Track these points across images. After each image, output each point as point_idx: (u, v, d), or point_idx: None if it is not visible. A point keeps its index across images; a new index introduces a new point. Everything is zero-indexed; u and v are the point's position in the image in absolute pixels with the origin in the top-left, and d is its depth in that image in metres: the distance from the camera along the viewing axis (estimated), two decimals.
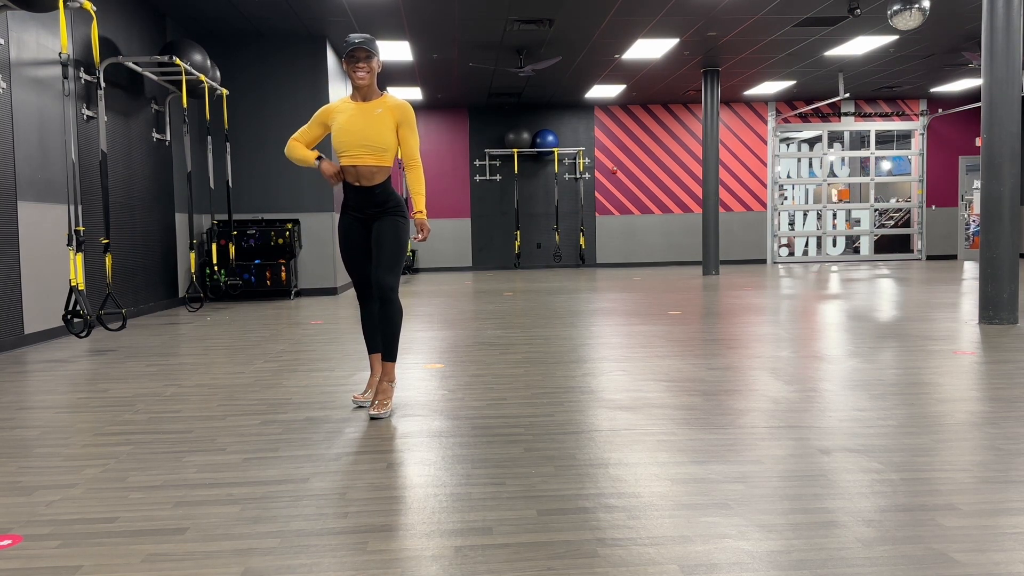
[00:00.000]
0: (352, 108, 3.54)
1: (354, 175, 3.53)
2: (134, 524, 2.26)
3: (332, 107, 3.62)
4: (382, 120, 3.50)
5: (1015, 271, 6.21)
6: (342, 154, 3.52)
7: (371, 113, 3.51)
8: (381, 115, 3.51)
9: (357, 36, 3.49)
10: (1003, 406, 3.47)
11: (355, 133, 3.48)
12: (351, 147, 3.48)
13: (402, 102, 3.57)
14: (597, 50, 10.94)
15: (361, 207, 3.57)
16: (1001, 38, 6.13)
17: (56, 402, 3.96)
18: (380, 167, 3.52)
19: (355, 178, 3.53)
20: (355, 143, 3.48)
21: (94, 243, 6.94)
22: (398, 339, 3.61)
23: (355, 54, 3.47)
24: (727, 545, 2.03)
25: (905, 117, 15.94)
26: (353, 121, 3.50)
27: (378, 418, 3.45)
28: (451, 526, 2.20)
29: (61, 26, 5.68)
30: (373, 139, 3.48)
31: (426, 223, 3.58)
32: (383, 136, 3.50)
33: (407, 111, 3.57)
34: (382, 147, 3.50)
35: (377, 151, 3.49)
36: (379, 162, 3.51)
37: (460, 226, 15.50)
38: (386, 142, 3.51)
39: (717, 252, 12.78)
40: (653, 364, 4.67)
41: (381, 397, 3.53)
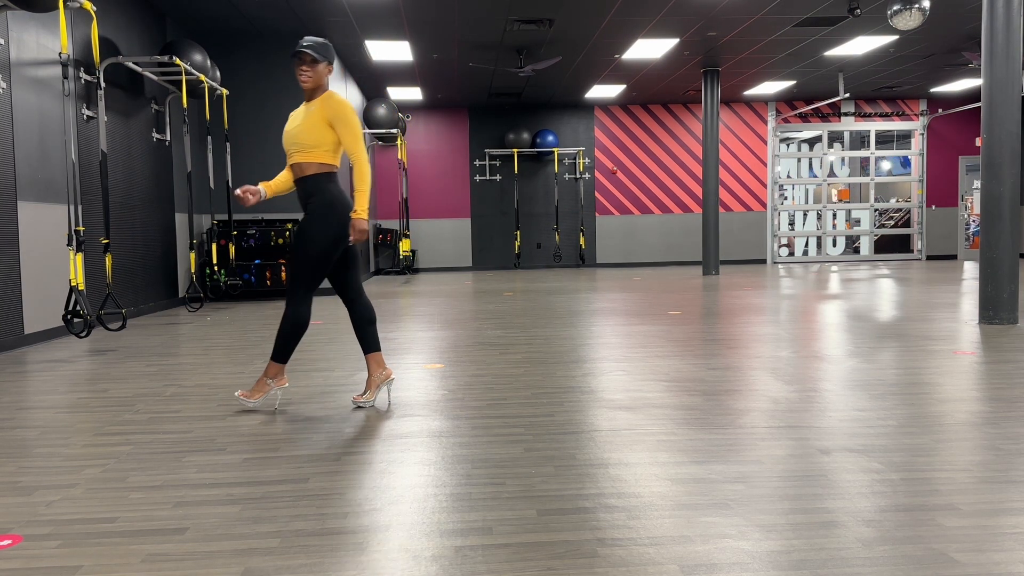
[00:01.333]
0: (299, 110, 3.65)
1: (296, 171, 3.61)
2: (134, 524, 2.26)
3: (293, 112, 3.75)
4: (312, 117, 3.54)
5: (1015, 271, 6.21)
6: (287, 155, 3.64)
7: (307, 112, 3.58)
8: (313, 112, 3.55)
9: (307, 39, 3.55)
10: (1003, 406, 3.47)
11: (290, 133, 3.58)
12: (288, 146, 3.60)
13: (335, 100, 3.53)
14: (597, 50, 10.94)
15: (302, 200, 3.62)
16: (1001, 38, 6.13)
17: (56, 402, 3.95)
18: (309, 163, 3.56)
19: (295, 173, 3.62)
20: (289, 142, 3.58)
21: (94, 243, 6.94)
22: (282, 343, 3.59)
23: (300, 56, 3.55)
24: (727, 545, 2.03)
25: (905, 117, 15.94)
26: (292, 121, 3.61)
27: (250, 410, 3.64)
28: (451, 526, 2.20)
29: (61, 26, 5.68)
30: (300, 136, 3.54)
31: (360, 224, 3.50)
32: (311, 133, 3.53)
33: (337, 107, 3.52)
34: (309, 144, 3.53)
35: (304, 148, 3.54)
36: (307, 159, 3.55)
37: (460, 226, 15.50)
38: (313, 139, 3.52)
39: (717, 252, 12.78)
40: (653, 364, 4.67)
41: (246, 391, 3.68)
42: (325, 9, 8.73)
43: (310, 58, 3.53)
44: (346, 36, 9.93)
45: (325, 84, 3.60)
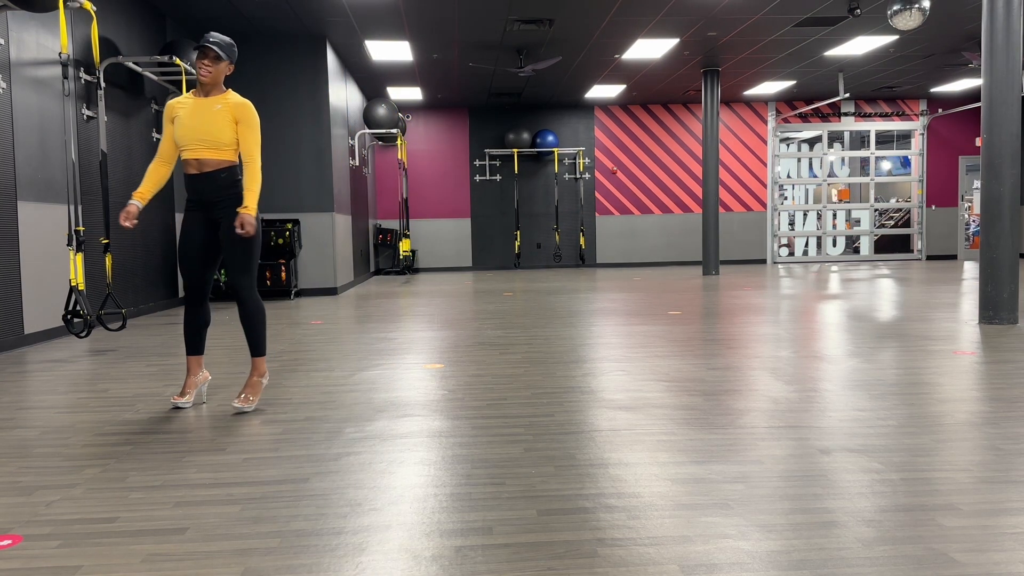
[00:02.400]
0: (193, 104, 3.61)
1: (196, 166, 3.60)
2: (134, 524, 2.26)
3: (174, 103, 3.67)
4: (221, 116, 3.57)
5: (1015, 271, 6.21)
6: (183, 148, 3.60)
7: (210, 109, 3.58)
8: (220, 111, 3.58)
9: (215, 36, 3.59)
10: (1003, 406, 3.47)
11: (194, 128, 3.56)
12: (191, 142, 3.57)
13: (243, 101, 3.63)
14: (597, 50, 10.94)
15: (203, 193, 3.60)
16: (1001, 38, 6.13)
17: (56, 402, 3.96)
18: (219, 159, 3.59)
19: (198, 168, 3.60)
20: (194, 138, 3.56)
21: (94, 243, 6.94)
22: (263, 335, 3.73)
23: (204, 51, 3.56)
24: (727, 545, 2.03)
25: (905, 117, 15.95)
26: (192, 116, 3.58)
27: (243, 412, 3.60)
28: (451, 526, 2.20)
29: (61, 26, 5.68)
30: (211, 134, 3.56)
31: (249, 220, 3.52)
32: (222, 131, 3.57)
33: (246, 110, 3.61)
34: (220, 142, 3.57)
35: (215, 145, 3.57)
36: (218, 156, 3.58)
37: (460, 226, 15.50)
38: (224, 137, 3.57)
39: (717, 252, 12.78)
40: (653, 364, 4.67)
41: (250, 391, 3.69)
42: (325, 9, 8.73)
43: (214, 54, 3.57)
44: (346, 36, 9.93)
45: (221, 82, 3.66)
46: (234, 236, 3.60)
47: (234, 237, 3.60)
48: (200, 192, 3.63)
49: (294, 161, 10.01)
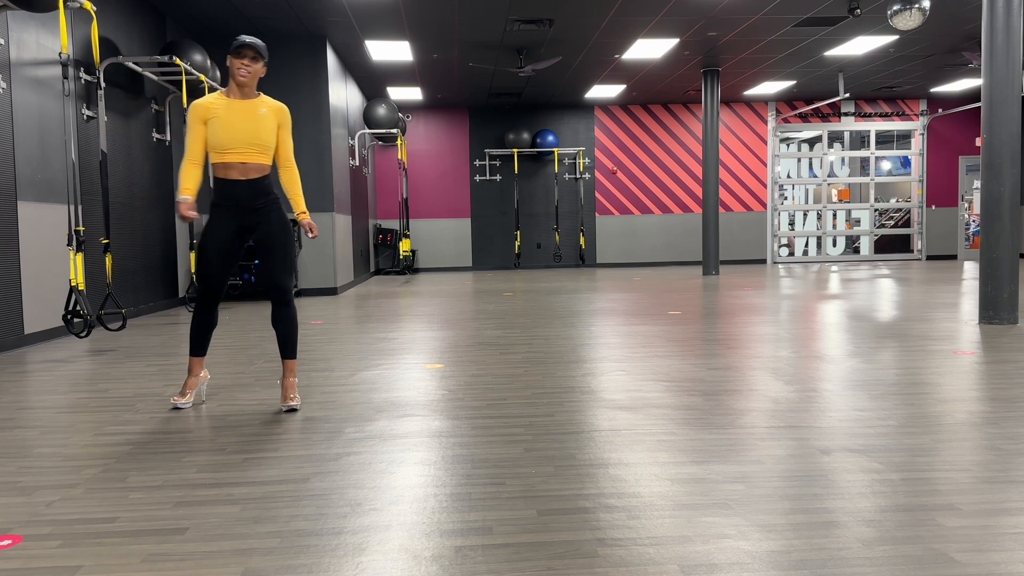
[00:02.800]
0: (230, 105, 3.54)
1: (241, 171, 3.55)
2: (134, 524, 2.26)
3: (205, 104, 3.56)
4: (267, 119, 3.57)
5: (1015, 271, 6.21)
6: (226, 151, 3.51)
7: (255, 112, 3.56)
8: (266, 115, 3.57)
9: (249, 37, 3.55)
10: (1003, 406, 3.47)
11: (243, 131, 3.51)
12: (239, 144, 3.51)
13: (282, 104, 3.66)
14: (597, 50, 10.94)
15: (243, 198, 3.56)
16: (1001, 38, 6.13)
17: (56, 402, 3.95)
18: (264, 165, 3.60)
19: (242, 173, 3.55)
20: (244, 140, 3.51)
21: (94, 243, 6.94)
22: (297, 338, 3.74)
23: (243, 51, 3.50)
24: (727, 545, 2.03)
25: (905, 117, 15.95)
26: (237, 118, 3.52)
27: (295, 409, 3.62)
28: (451, 526, 2.20)
29: (61, 26, 5.68)
30: (261, 138, 3.54)
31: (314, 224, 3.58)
32: (270, 135, 3.58)
33: (287, 114, 3.67)
34: (269, 146, 3.58)
35: (263, 150, 3.57)
36: (264, 160, 3.59)
37: (460, 226, 15.50)
38: (271, 141, 3.59)
39: (717, 252, 12.79)
40: (653, 364, 4.67)
41: (292, 392, 3.68)
42: (325, 9, 8.73)
43: (252, 54, 3.52)
44: (346, 36, 9.93)
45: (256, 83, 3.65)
46: (274, 241, 3.59)
47: (275, 242, 3.59)
48: (239, 197, 3.56)
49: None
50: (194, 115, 3.55)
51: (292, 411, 3.61)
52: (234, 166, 3.54)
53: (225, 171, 3.55)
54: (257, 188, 3.58)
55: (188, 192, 3.53)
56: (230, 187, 3.56)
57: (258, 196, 3.59)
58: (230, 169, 3.54)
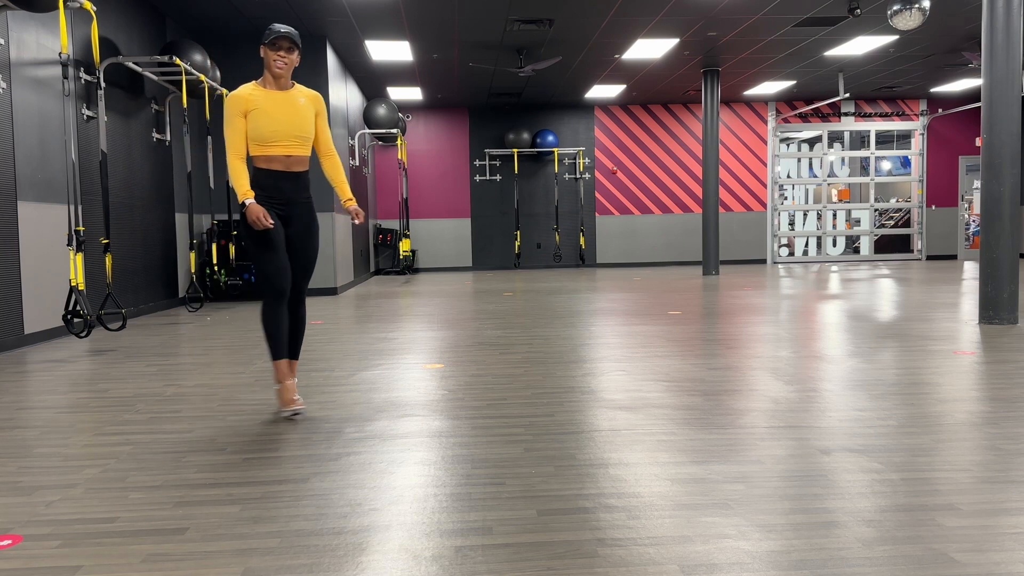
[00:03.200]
0: (270, 96, 3.46)
1: (285, 163, 3.49)
2: (134, 524, 2.26)
3: (245, 96, 3.44)
4: (307, 110, 3.52)
5: (1015, 271, 6.21)
6: (269, 143, 3.42)
7: (296, 103, 3.49)
8: (305, 105, 3.52)
9: (283, 27, 3.46)
10: (1003, 406, 3.47)
11: (286, 123, 3.44)
12: (283, 137, 3.44)
13: (316, 92, 3.60)
14: (597, 50, 10.94)
15: (286, 191, 3.50)
16: (1001, 38, 6.13)
17: (56, 402, 3.95)
18: (306, 157, 3.56)
19: (286, 165, 3.49)
20: (288, 133, 3.45)
21: (94, 243, 6.93)
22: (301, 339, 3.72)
23: (279, 42, 3.43)
24: (727, 545, 2.03)
25: (905, 117, 15.95)
26: (279, 110, 3.44)
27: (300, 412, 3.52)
28: (451, 526, 2.20)
29: (61, 26, 5.68)
30: (304, 129, 3.49)
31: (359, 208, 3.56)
32: (311, 126, 3.54)
33: (323, 102, 3.61)
34: (310, 136, 3.54)
35: (307, 141, 3.52)
36: (306, 152, 3.54)
37: (460, 226, 15.50)
38: (312, 131, 3.55)
39: (717, 252, 12.78)
40: (653, 364, 4.67)
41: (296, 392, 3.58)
42: (325, 9, 8.73)
43: (288, 44, 3.45)
44: (346, 36, 9.93)
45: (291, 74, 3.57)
46: (308, 240, 3.56)
47: (308, 241, 3.56)
48: (282, 190, 3.49)
49: None
50: (233, 107, 3.42)
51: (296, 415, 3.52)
52: (278, 159, 3.46)
53: (267, 163, 3.46)
54: (300, 182, 3.55)
55: (250, 194, 3.40)
56: (273, 178, 3.48)
57: (300, 190, 3.55)
58: (273, 162, 3.46)
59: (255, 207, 3.36)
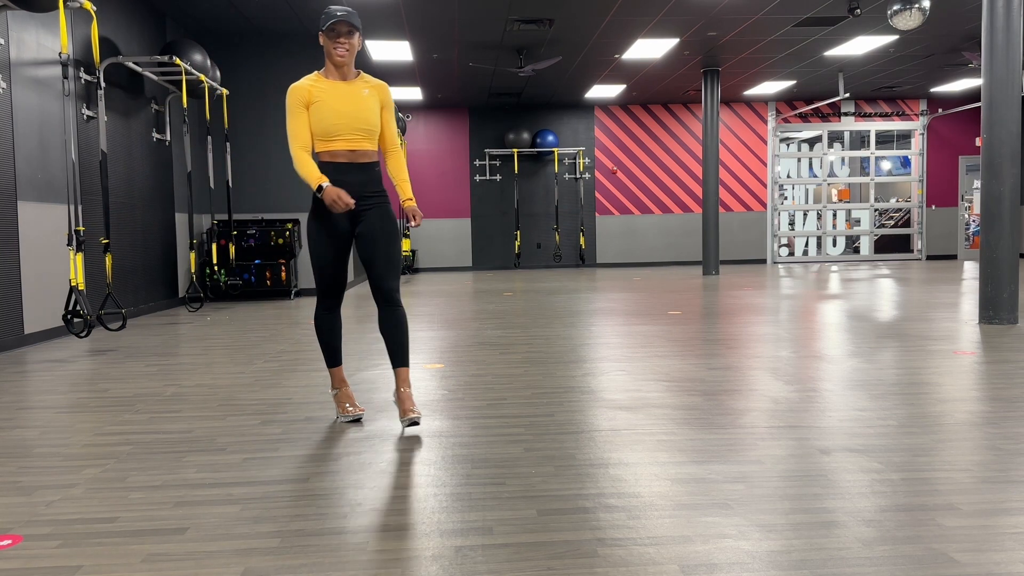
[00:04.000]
0: (334, 87, 3.24)
1: (350, 158, 3.25)
2: (134, 524, 2.26)
3: (307, 87, 3.24)
4: (371, 101, 3.27)
5: (1015, 271, 6.21)
6: (332, 137, 3.21)
7: (359, 94, 3.25)
8: (370, 96, 3.27)
9: (339, 8, 3.21)
10: (1003, 406, 3.47)
11: (350, 116, 3.21)
12: (346, 130, 3.21)
13: (382, 82, 3.35)
14: (597, 50, 10.94)
15: (353, 186, 3.24)
16: (1001, 38, 6.13)
17: (56, 402, 3.95)
18: (373, 150, 3.31)
19: (349, 158, 3.25)
20: (352, 126, 3.21)
21: (94, 243, 6.94)
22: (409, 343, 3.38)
23: (337, 28, 3.18)
24: (727, 545, 2.03)
25: (905, 117, 15.95)
26: (343, 102, 3.21)
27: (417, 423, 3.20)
28: (451, 526, 2.20)
29: (61, 26, 5.68)
30: (369, 122, 3.25)
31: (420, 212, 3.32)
32: (377, 118, 3.29)
33: (388, 92, 3.36)
34: (375, 130, 3.28)
35: (373, 134, 3.28)
36: (372, 146, 3.30)
37: (460, 226, 15.50)
38: (377, 125, 3.30)
39: (717, 252, 12.78)
40: (653, 364, 4.67)
41: (410, 404, 3.25)
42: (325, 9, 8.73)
43: (347, 28, 3.19)
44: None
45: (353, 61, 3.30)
46: (382, 235, 3.26)
47: (383, 236, 3.26)
48: (349, 183, 3.23)
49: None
50: (294, 100, 3.22)
51: (414, 424, 3.20)
52: (341, 152, 3.23)
53: (332, 157, 3.25)
54: (368, 175, 3.28)
55: (323, 179, 3.18)
56: (340, 171, 3.23)
57: (369, 184, 3.28)
58: (336, 155, 3.24)
59: (331, 189, 3.11)
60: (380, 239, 3.27)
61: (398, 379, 3.30)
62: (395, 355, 3.31)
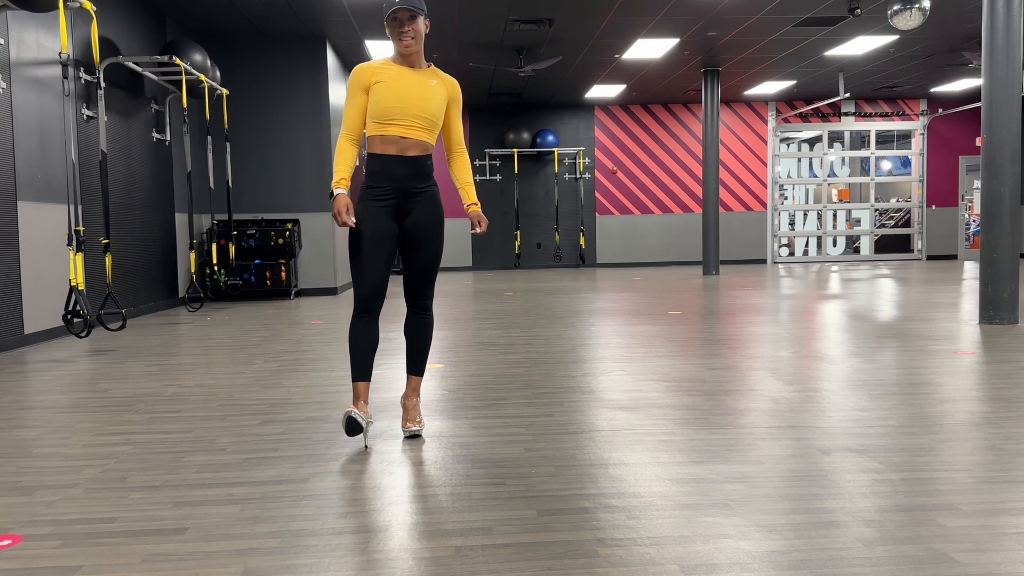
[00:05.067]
0: (400, 72, 3.03)
1: (400, 146, 3.02)
2: (134, 524, 2.26)
3: (372, 67, 3.03)
4: (438, 93, 3.06)
5: (1015, 271, 6.21)
6: (390, 121, 2.99)
7: (427, 82, 3.04)
8: (437, 87, 3.06)
9: None
10: (1003, 406, 3.47)
11: (411, 101, 2.99)
12: (404, 116, 2.99)
13: (454, 79, 3.17)
14: (597, 50, 10.94)
15: (401, 179, 3.03)
16: (1001, 38, 6.13)
17: (56, 402, 3.95)
18: (427, 143, 3.08)
19: (400, 149, 3.02)
20: (410, 112, 3.00)
21: (94, 243, 6.94)
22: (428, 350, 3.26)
23: (398, 14, 2.94)
24: (727, 545, 2.03)
25: (905, 117, 15.94)
26: (406, 87, 3.00)
27: (418, 435, 3.15)
28: (451, 526, 2.20)
29: (61, 26, 5.68)
30: (430, 111, 3.02)
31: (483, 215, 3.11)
32: (440, 111, 3.07)
33: (459, 90, 3.15)
34: (436, 121, 3.07)
35: (432, 125, 3.06)
36: (428, 138, 3.07)
37: (460, 226, 15.49)
38: (439, 116, 3.07)
39: (717, 252, 12.78)
40: (653, 364, 4.67)
41: (414, 414, 3.19)
42: (325, 9, 8.73)
43: (409, 14, 2.94)
44: (346, 36, 9.93)
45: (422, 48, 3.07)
46: (426, 235, 3.08)
47: (426, 237, 3.08)
48: (397, 178, 3.02)
49: (294, 161, 10.01)
50: (356, 80, 3.03)
51: (415, 437, 3.14)
52: (393, 140, 3.00)
53: (382, 145, 3.02)
54: (417, 168, 3.05)
55: (344, 183, 3.00)
56: (387, 165, 3.02)
57: (417, 178, 3.06)
58: (388, 144, 3.01)
59: (341, 198, 2.94)
60: (423, 241, 3.09)
61: (409, 386, 3.23)
62: (413, 362, 3.22)
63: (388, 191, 3.03)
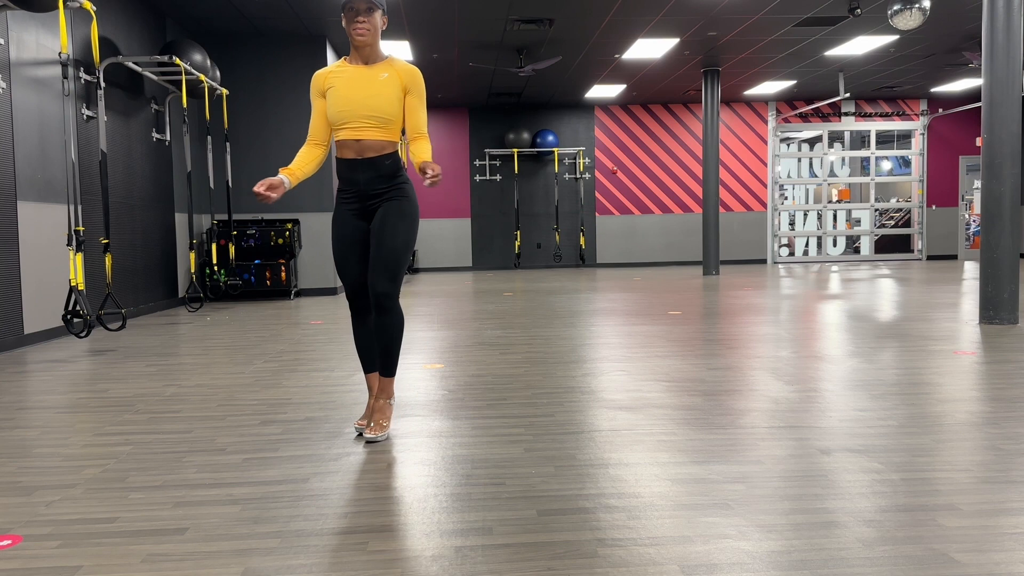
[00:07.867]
0: (350, 72, 3.03)
1: (356, 149, 3.02)
2: (134, 524, 2.26)
3: (326, 72, 3.08)
4: (389, 86, 3.01)
5: (1015, 271, 6.21)
6: (342, 125, 3.01)
7: (375, 78, 3.01)
8: (388, 80, 3.02)
9: None
10: (1003, 406, 3.47)
11: (356, 101, 2.98)
12: (352, 118, 2.99)
13: (411, 67, 3.07)
14: (597, 50, 10.94)
15: (361, 183, 3.05)
16: (1001, 38, 6.13)
17: (56, 402, 3.95)
18: (388, 141, 3.05)
19: (357, 152, 3.03)
20: (358, 114, 2.99)
21: (94, 243, 6.93)
22: (398, 353, 3.15)
23: (354, 5, 2.95)
24: (727, 545, 2.03)
25: (905, 117, 15.94)
26: (354, 88, 3.00)
27: (374, 441, 3.06)
28: (451, 526, 2.20)
29: (61, 26, 5.67)
30: (379, 108, 2.99)
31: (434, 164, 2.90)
32: (391, 105, 3.01)
33: (417, 78, 3.07)
34: (388, 119, 3.01)
35: (386, 123, 3.01)
36: (386, 136, 3.03)
37: (460, 226, 15.50)
38: (393, 112, 3.02)
39: (717, 252, 12.78)
40: (653, 364, 4.67)
41: (377, 417, 3.12)
42: (325, 9, 8.73)
43: (366, 6, 2.95)
44: (346, 36, 9.92)
45: (379, 42, 3.06)
46: (386, 229, 3.03)
47: (384, 229, 3.03)
48: (357, 182, 3.05)
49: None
50: (313, 88, 3.10)
51: (371, 442, 3.05)
52: (348, 144, 3.02)
53: (341, 150, 3.05)
54: (376, 169, 3.03)
55: (287, 173, 3.03)
56: (346, 168, 3.05)
57: (380, 179, 3.05)
58: (345, 148, 3.03)
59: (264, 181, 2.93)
60: (380, 232, 3.04)
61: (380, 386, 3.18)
62: (379, 361, 3.16)
63: (352, 195, 3.11)
